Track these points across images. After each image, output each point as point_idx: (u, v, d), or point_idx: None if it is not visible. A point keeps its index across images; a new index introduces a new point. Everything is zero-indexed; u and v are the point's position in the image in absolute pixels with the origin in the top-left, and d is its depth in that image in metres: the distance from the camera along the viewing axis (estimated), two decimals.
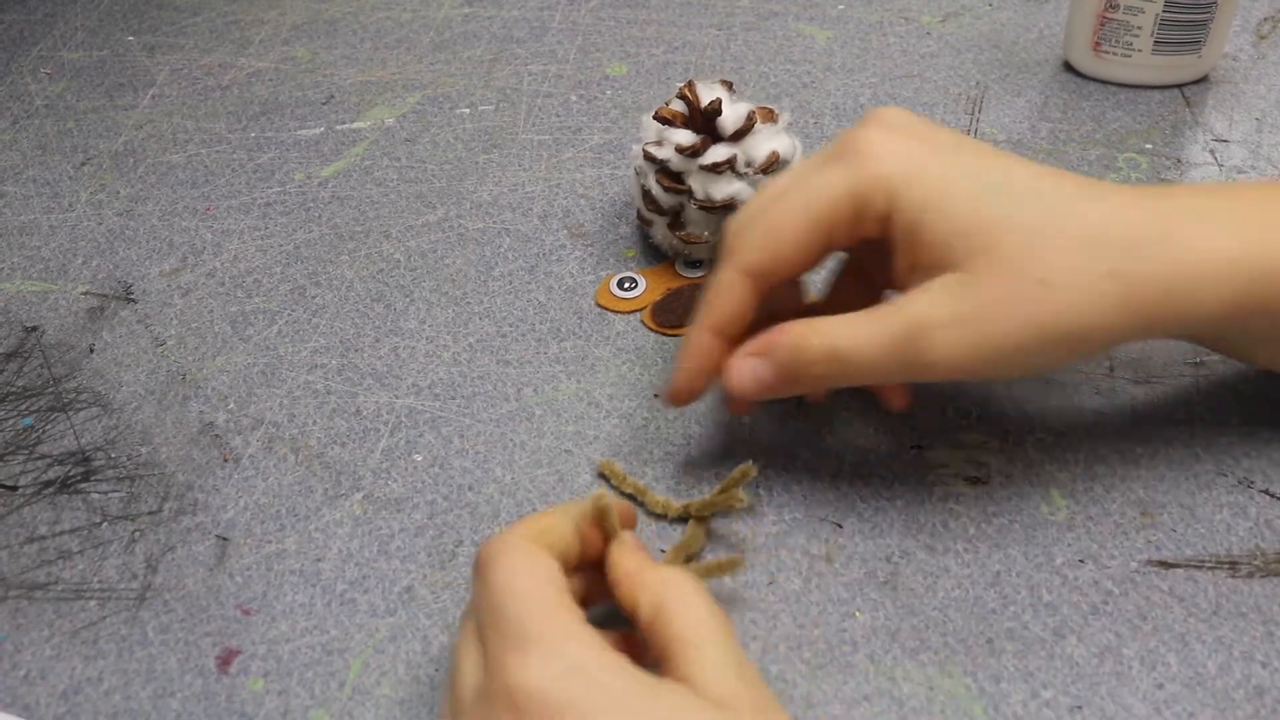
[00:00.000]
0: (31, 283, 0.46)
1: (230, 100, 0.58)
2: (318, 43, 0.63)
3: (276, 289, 0.45)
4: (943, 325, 0.30)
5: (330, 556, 0.34)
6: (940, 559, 0.33)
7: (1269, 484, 0.35)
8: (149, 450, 0.38)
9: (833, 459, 0.37)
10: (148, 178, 0.52)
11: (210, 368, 0.42)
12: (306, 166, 0.52)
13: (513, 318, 0.43)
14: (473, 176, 0.51)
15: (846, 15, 0.63)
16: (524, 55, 0.60)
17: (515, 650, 0.24)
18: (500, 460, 0.37)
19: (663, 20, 0.63)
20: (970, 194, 0.30)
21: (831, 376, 0.32)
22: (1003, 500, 0.35)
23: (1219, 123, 0.52)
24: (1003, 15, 0.62)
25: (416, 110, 0.56)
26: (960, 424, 0.37)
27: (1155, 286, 0.30)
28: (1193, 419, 0.37)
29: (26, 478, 0.38)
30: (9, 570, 0.35)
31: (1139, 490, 0.35)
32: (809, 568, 0.33)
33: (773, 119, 0.43)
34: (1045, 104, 0.54)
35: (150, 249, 0.48)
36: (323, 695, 0.31)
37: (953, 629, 0.31)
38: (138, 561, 0.35)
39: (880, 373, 0.31)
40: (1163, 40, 0.52)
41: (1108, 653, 0.31)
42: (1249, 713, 0.29)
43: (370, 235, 0.48)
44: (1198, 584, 0.32)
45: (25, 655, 0.32)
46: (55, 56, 0.63)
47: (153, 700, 0.31)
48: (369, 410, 0.39)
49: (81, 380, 0.41)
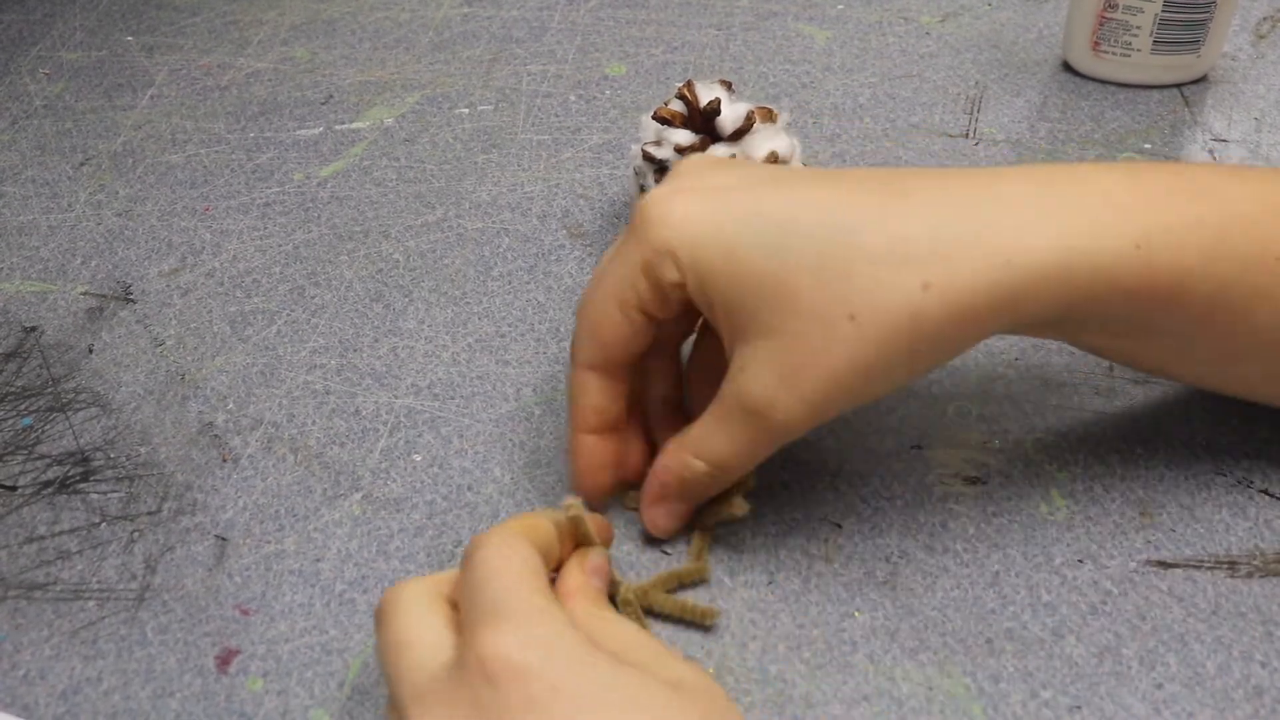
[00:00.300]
0: (30, 283, 0.46)
1: (229, 100, 0.58)
2: (316, 43, 0.63)
3: (275, 289, 0.45)
4: (776, 397, 0.29)
5: (329, 556, 0.34)
6: (939, 559, 0.33)
7: (1268, 484, 0.35)
8: (148, 450, 0.38)
9: (832, 459, 0.37)
10: (147, 178, 0.52)
11: (209, 368, 0.42)
12: (305, 167, 0.52)
13: (512, 318, 0.43)
14: (472, 176, 0.51)
15: (846, 15, 0.63)
16: (523, 55, 0.60)
17: (489, 623, 0.25)
18: (500, 460, 0.37)
19: (662, 20, 0.63)
20: (756, 246, 0.29)
21: (726, 482, 0.32)
22: (1002, 500, 0.35)
23: (1218, 122, 0.52)
24: (1002, 15, 0.62)
25: (415, 110, 0.56)
26: (960, 424, 0.37)
27: (978, 291, 0.28)
28: (1192, 419, 0.37)
29: (25, 478, 0.38)
30: (8, 570, 0.35)
31: (1138, 490, 0.35)
32: (808, 568, 0.33)
33: (772, 119, 0.43)
34: (1044, 104, 0.54)
35: (149, 249, 0.48)
36: (322, 695, 0.31)
37: (952, 629, 0.31)
38: (137, 561, 0.35)
39: (763, 455, 0.31)
40: (1162, 40, 0.52)
41: (1107, 652, 0.31)
42: (1248, 712, 0.29)
43: (369, 235, 0.48)
44: (1197, 584, 0.32)
45: (24, 655, 0.32)
46: (54, 57, 0.63)
47: (152, 700, 0.31)
48: (368, 410, 0.39)
49: (80, 380, 0.41)
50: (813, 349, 0.28)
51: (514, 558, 0.27)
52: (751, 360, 0.30)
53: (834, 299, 0.28)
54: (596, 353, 0.33)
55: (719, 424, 0.31)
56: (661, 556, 0.34)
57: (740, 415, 0.30)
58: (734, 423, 0.30)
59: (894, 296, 0.28)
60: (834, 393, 0.29)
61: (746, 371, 0.30)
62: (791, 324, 0.29)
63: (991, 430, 0.37)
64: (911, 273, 0.28)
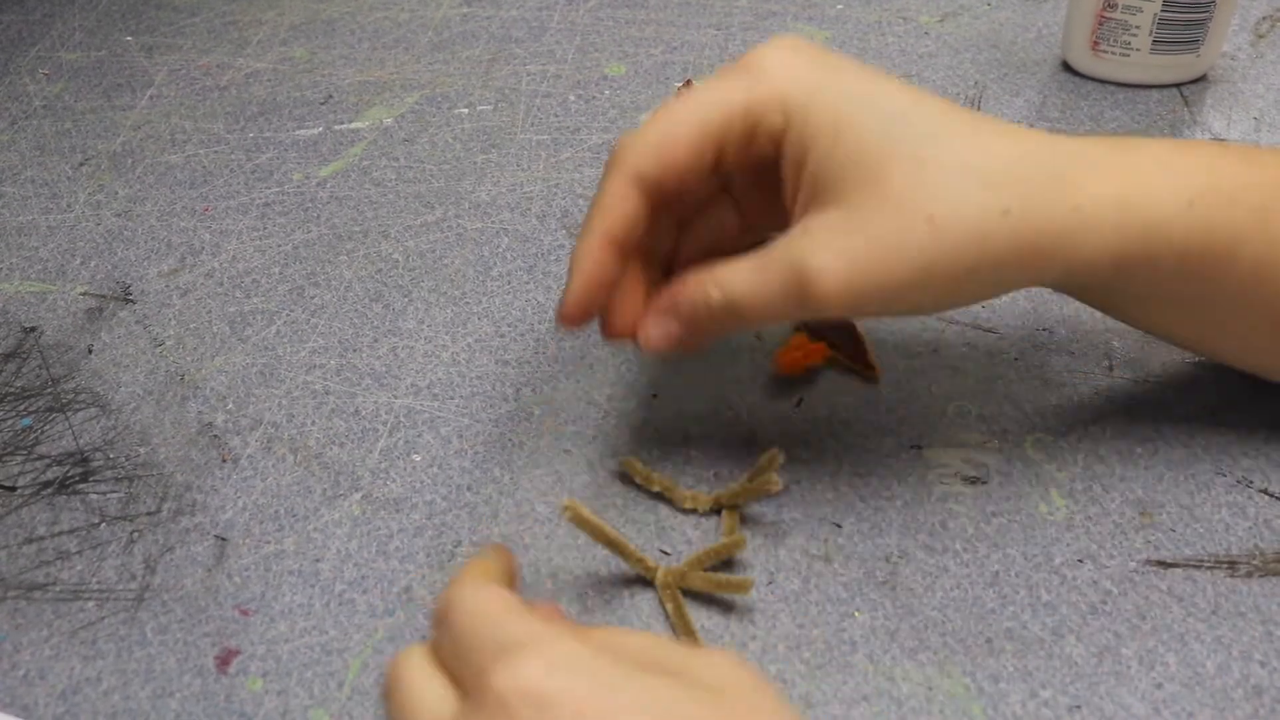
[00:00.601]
0: (30, 283, 0.46)
1: (228, 100, 0.58)
2: (316, 43, 0.63)
3: (275, 289, 0.45)
4: (828, 267, 0.29)
5: (329, 557, 0.34)
6: (939, 559, 0.33)
7: (1268, 483, 0.35)
8: (147, 451, 0.38)
9: (832, 459, 0.37)
10: (146, 178, 0.52)
11: (209, 368, 0.42)
12: (305, 167, 0.52)
13: (511, 318, 0.43)
14: (471, 176, 0.51)
15: (845, 15, 0.63)
16: (522, 55, 0.60)
17: (499, 660, 0.24)
18: (499, 460, 0.37)
19: (661, 20, 0.63)
20: (864, 122, 0.30)
21: (732, 326, 0.32)
22: (1002, 500, 0.35)
23: (1217, 122, 0.52)
24: (1001, 15, 0.62)
25: (415, 110, 0.56)
26: (960, 424, 0.37)
27: (1047, 228, 0.29)
28: (1192, 419, 0.37)
29: (25, 478, 0.38)
30: (7, 571, 0.35)
31: (1138, 490, 0.35)
32: (808, 568, 0.33)
33: None
34: (1044, 104, 0.54)
35: (149, 249, 0.48)
36: (322, 695, 0.31)
37: (951, 629, 0.31)
38: (136, 562, 0.35)
39: (778, 317, 0.31)
40: (1161, 39, 0.52)
41: (1106, 652, 0.31)
42: (1248, 712, 0.29)
43: (369, 235, 0.48)
44: (1196, 584, 0.32)
45: (24, 655, 0.32)
46: (53, 57, 0.63)
47: (151, 700, 0.31)
48: (368, 410, 0.39)
49: (80, 381, 0.41)
50: (884, 234, 0.29)
51: (494, 596, 0.26)
52: (820, 227, 0.30)
53: (921, 196, 0.29)
54: (653, 166, 0.31)
55: (755, 267, 0.30)
56: (662, 556, 0.34)
57: (783, 268, 0.30)
58: (772, 272, 0.30)
59: (974, 212, 0.29)
60: (883, 283, 0.29)
61: (810, 234, 0.30)
62: (873, 205, 0.29)
63: (991, 430, 0.37)
64: (994, 195, 0.29)
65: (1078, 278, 0.31)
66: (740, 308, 0.31)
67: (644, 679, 0.23)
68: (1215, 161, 0.31)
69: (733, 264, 0.31)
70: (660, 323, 0.33)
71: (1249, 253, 0.30)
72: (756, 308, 0.31)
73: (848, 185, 0.29)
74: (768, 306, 0.31)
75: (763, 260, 0.31)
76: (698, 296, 0.31)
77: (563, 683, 0.23)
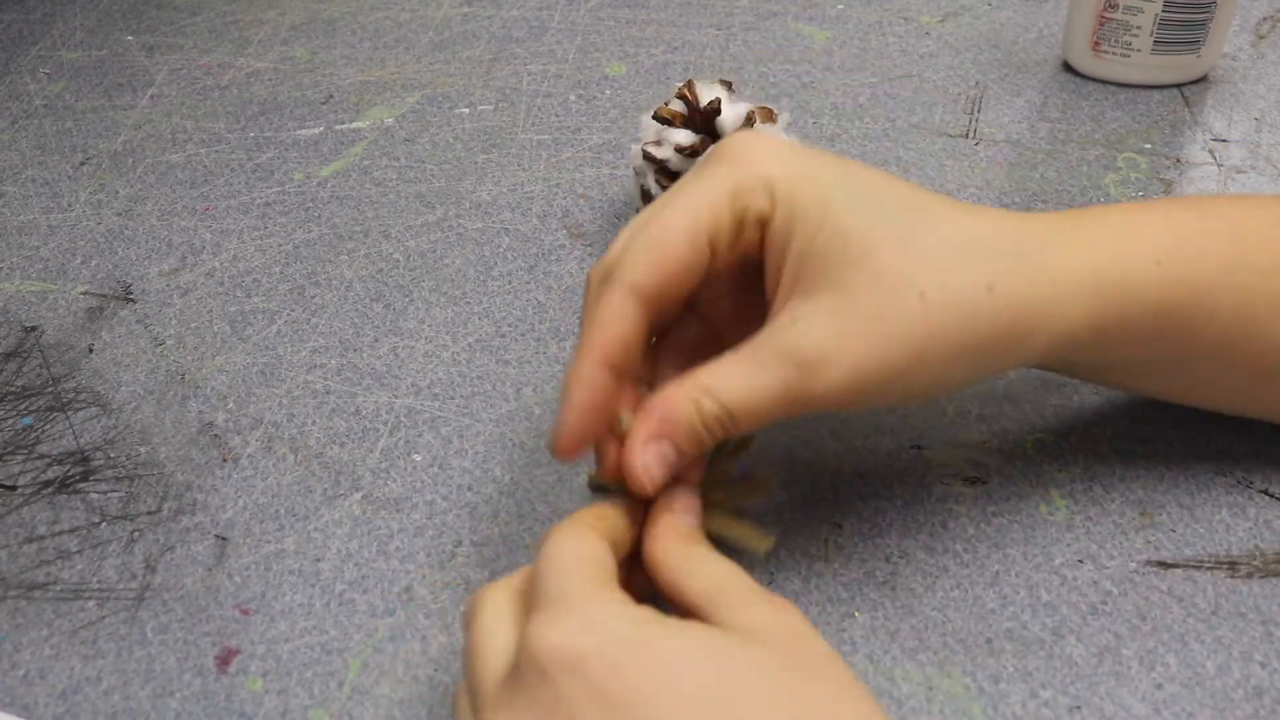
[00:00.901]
0: (31, 282, 0.46)
1: (229, 100, 0.58)
2: (317, 42, 0.63)
3: (276, 289, 0.45)
4: (827, 352, 0.28)
5: (329, 556, 0.34)
6: (939, 559, 0.33)
7: (1268, 484, 0.35)
8: (148, 450, 0.38)
9: (832, 459, 0.37)
10: (147, 178, 0.52)
11: (209, 367, 0.42)
12: (306, 166, 0.52)
13: (512, 318, 0.43)
14: (472, 176, 0.51)
15: (845, 15, 0.63)
16: (523, 55, 0.60)
17: (541, 612, 0.24)
18: (500, 460, 0.37)
19: (662, 20, 0.63)
20: (847, 203, 0.29)
21: (729, 434, 0.30)
22: (1002, 500, 0.35)
23: (1218, 122, 0.52)
24: (1002, 15, 0.62)
25: (415, 110, 0.56)
26: (960, 424, 0.37)
27: (1031, 302, 0.29)
28: (1192, 419, 0.37)
29: (25, 477, 0.38)
30: (8, 570, 0.35)
31: (1138, 490, 0.35)
32: (808, 568, 0.33)
33: (772, 119, 0.43)
34: (1044, 104, 0.54)
35: (149, 249, 0.48)
36: (322, 695, 0.31)
37: (952, 629, 0.31)
38: (137, 561, 0.35)
39: (777, 417, 0.29)
40: (1162, 40, 0.52)
41: (1107, 653, 0.31)
42: (1248, 713, 0.29)
43: (369, 235, 0.48)
44: (1197, 584, 0.32)
45: (24, 655, 0.32)
46: (54, 56, 0.63)
47: (152, 700, 0.31)
48: (368, 410, 0.39)
49: (80, 380, 0.41)
50: (877, 315, 0.28)
51: (578, 546, 0.27)
52: (811, 313, 0.29)
53: (911, 272, 0.28)
54: (649, 274, 0.29)
55: (747, 366, 0.29)
56: None
57: (779, 361, 0.28)
58: (768, 368, 0.29)
59: (962, 287, 0.29)
60: (882, 361, 0.28)
61: (800, 324, 0.29)
62: (863, 283, 0.28)
63: (991, 430, 0.37)
64: (978, 270, 0.29)
65: (1061, 351, 0.31)
66: (738, 414, 0.29)
67: (684, 636, 0.24)
68: (1173, 217, 0.32)
69: (717, 368, 0.29)
70: (654, 450, 0.29)
71: (1224, 304, 0.31)
72: (755, 410, 0.29)
73: (835, 265, 0.29)
74: (767, 406, 0.29)
75: (753, 356, 0.29)
76: (689, 411, 0.29)
77: (596, 641, 0.23)
